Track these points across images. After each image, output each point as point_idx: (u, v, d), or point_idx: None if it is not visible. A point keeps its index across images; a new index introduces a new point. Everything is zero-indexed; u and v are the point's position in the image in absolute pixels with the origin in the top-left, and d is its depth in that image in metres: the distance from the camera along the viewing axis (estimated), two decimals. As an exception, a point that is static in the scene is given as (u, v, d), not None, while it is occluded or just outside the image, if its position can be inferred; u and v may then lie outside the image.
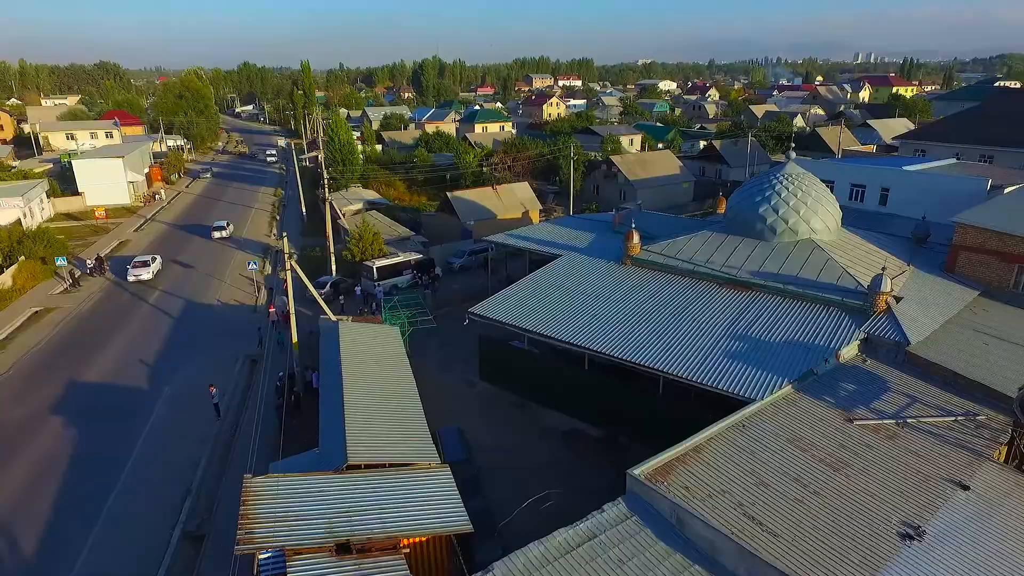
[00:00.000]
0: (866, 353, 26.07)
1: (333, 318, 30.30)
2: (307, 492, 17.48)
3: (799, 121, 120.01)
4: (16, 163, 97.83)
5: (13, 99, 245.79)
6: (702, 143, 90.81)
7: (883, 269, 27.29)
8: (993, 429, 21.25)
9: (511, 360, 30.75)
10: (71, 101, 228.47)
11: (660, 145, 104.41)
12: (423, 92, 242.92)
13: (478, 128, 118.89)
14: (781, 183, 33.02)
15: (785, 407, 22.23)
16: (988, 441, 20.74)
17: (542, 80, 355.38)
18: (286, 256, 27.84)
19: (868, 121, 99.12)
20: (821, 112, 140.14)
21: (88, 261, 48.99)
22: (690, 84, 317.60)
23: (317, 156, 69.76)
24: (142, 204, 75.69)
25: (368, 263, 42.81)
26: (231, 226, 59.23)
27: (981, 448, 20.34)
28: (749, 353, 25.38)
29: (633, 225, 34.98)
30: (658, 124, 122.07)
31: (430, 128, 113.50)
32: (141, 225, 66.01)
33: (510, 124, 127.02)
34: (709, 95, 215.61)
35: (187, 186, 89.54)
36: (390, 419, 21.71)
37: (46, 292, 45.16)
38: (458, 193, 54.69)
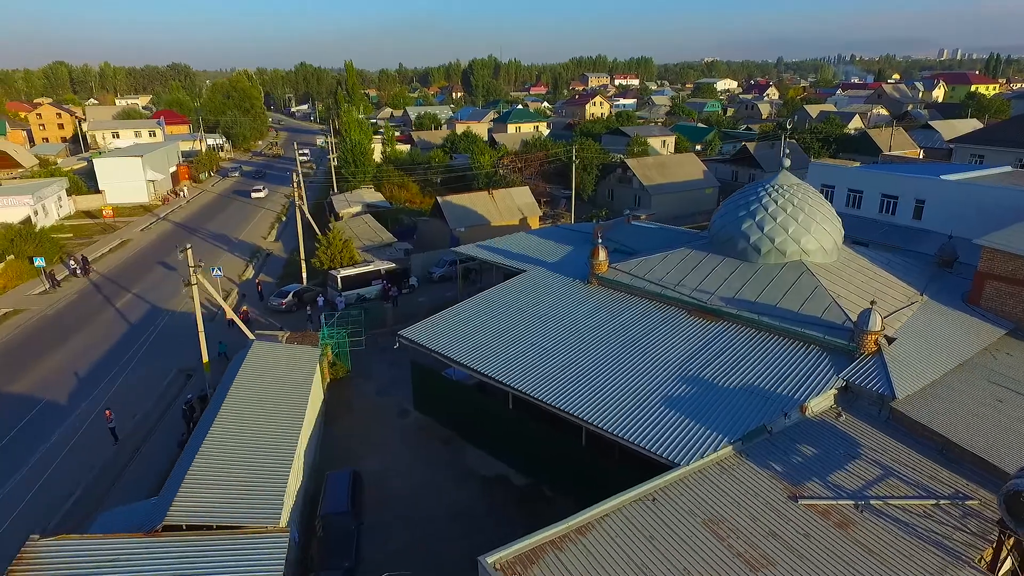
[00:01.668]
0: (843, 405, 21.52)
1: (251, 336, 27.88)
2: (100, 562, 14.83)
3: (856, 122, 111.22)
4: (60, 160, 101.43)
5: (92, 99, 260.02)
6: (750, 145, 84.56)
7: (872, 303, 22.58)
8: (984, 521, 16.55)
9: (443, 390, 27.52)
10: (142, 101, 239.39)
11: (698, 147, 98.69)
12: (473, 91, 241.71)
13: (510, 128, 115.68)
14: (769, 195, 28.50)
15: (715, 476, 18.12)
16: (973, 537, 16.09)
17: (598, 79, 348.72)
18: (191, 270, 25.55)
19: (930, 122, 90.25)
20: (884, 112, 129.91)
21: (71, 262, 48.75)
22: (752, 82, 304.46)
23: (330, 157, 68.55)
24: (160, 203, 76.35)
25: (333, 272, 40.40)
26: (266, 189, 58.60)
27: (961, 548, 15.74)
28: (694, 400, 21.29)
29: (600, 240, 31.05)
30: (700, 125, 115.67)
31: (461, 128, 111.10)
32: (149, 225, 66.18)
33: (544, 124, 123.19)
34: (767, 94, 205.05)
35: (212, 185, 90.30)
36: (249, 465, 18.88)
37: (25, 292, 44.97)
38: (450, 197, 51.70)
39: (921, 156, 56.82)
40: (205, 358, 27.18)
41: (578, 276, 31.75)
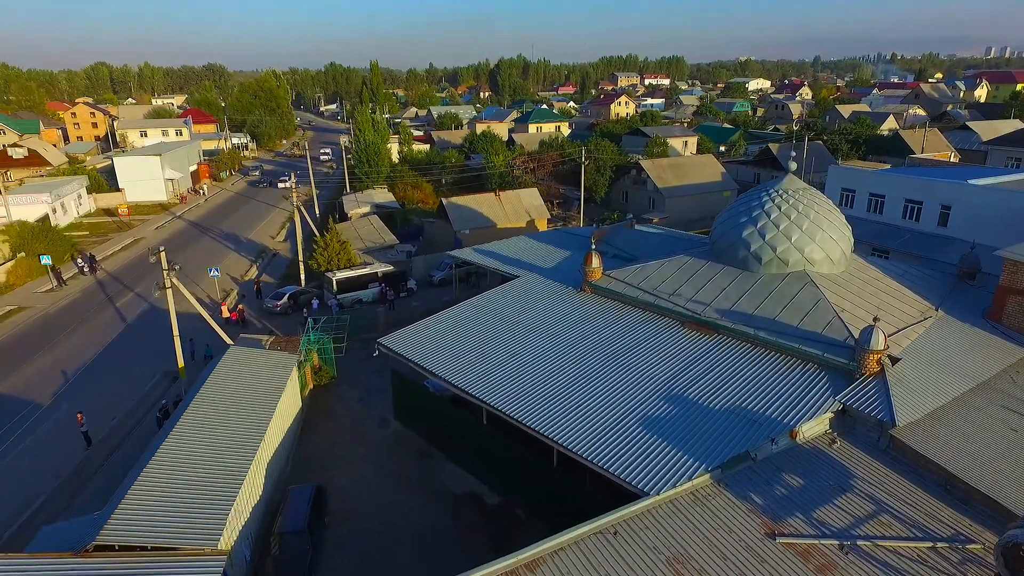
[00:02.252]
0: (839, 431, 19.83)
1: (228, 340, 27.22)
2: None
3: (891, 122, 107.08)
4: (89, 158, 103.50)
5: (130, 99, 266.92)
6: (773, 146, 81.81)
7: (875, 320, 20.78)
8: (985, 568, 14.81)
9: (422, 401, 26.45)
10: (177, 100, 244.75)
11: (722, 148, 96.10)
12: (500, 91, 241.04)
13: (531, 128, 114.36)
14: (772, 201, 26.76)
15: (687, 508, 16.67)
16: (971, 588, 14.40)
17: (628, 79, 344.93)
18: (164, 273, 24.96)
19: (968, 123, 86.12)
20: (921, 112, 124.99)
21: (79, 260, 49.13)
22: (787, 81, 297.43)
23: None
24: (178, 201, 77.08)
25: (329, 274, 39.71)
26: (293, 178, 58.71)
27: (956, 600, 14.08)
28: (675, 422, 19.82)
29: (594, 246, 29.66)
30: (725, 125, 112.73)
31: (481, 128, 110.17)
32: (163, 223, 66.71)
33: (566, 125, 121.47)
34: (799, 94, 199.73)
35: (232, 184, 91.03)
36: (196, 482, 18.05)
37: (32, 290, 45.39)
38: (455, 199, 50.70)
39: (952, 158, 53.78)
40: (181, 363, 26.63)
41: (573, 283, 30.43)
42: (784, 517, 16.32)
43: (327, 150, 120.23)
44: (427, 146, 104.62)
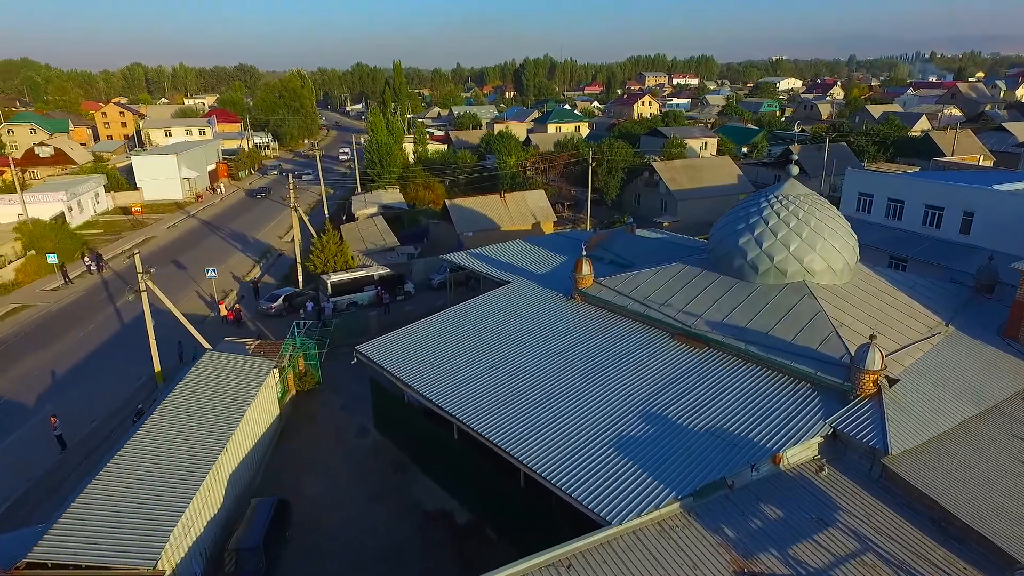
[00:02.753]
0: (828, 456, 18.41)
1: (207, 345, 26.73)
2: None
3: (923, 123, 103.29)
4: (114, 157, 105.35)
5: (163, 99, 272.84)
6: (794, 148, 79.28)
7: (871, 337, 19.26)
8: (976, 621, 13.37)
9: (398, 412, 25.61)
10: (208, 100, 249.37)
11: (744, 150, 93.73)
12: (524, 91, 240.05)
13: (551, 128, 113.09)
14: (771, 207, 25.30)
15: (651, 539, 15.48)
16: (958, 643, 12.97)
17: (655, 78, 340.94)
18: (139, 275, 24.53)
19: (1005, 124, 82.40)
20: (957, 113, 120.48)
21: (86, 259, 49.52)
22: (819, 81, 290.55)
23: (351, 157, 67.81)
24: (193, 200, 77.75)
25: (324, 276, 39.16)
26: (349, 153, 57.65)
27: (940, 656, 12.67)
28: (649, 443, 18.62)
29: (584, 253, 28.50)
30: (749, 126, 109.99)
31: (500, 128, 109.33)
32: (176, 222, 67.23)
33: (585, 125, 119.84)
34: (830, 94, 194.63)
35: (250, 184, 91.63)
36: (143, 496, 17.42)
37: (39, 288, 45.82)
38: (459, 200, 49.85)
39: (983, 161, 51.06)
40: (158, 367, 26.21)
41: (564, 290, 29.30)
42: (756, 553, 15.05)
43: (345, 150, 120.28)
44: (445, 146, 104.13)
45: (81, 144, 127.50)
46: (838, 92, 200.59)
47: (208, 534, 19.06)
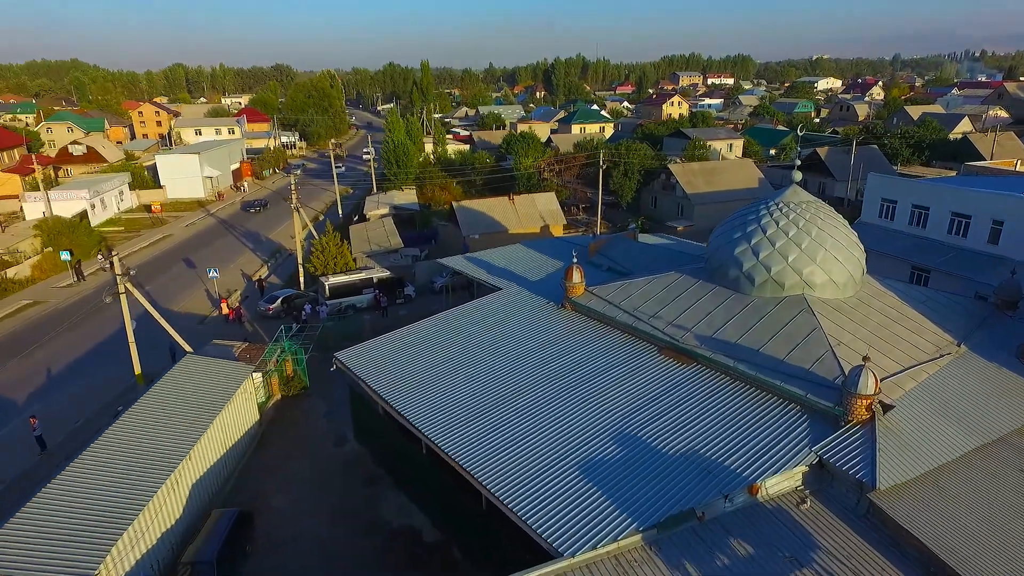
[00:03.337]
0: (813, 487, 17.05)
1: (188, 348, 26.42)
2: None
3: (965, 124, 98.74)
4: (143, 156, 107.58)
5: (202, 98, 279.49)
6: (821, 150, 76.35)
7: (865, 359, 17.78)
8: None
9: (375, 422, 24.87)
10: (245, 100, 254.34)
11: (772, 152, 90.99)
12: (553, 91, 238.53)
13: (575, 129, 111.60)
14: (771, 215, 23.87)
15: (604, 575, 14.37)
16: None
17: (689, 78, 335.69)
18: (117, 278, 24.32)
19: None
20: (1003, 114, 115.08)
21: (99, 257, 50.22)
22: (859, 80, 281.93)
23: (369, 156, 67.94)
24: (214, 199, 78.71)
25: (322, 279, 38.77)
26: (373, 153, 56.95)
27: None
28: (619, 467, 17.50)
29: (575, 260, 27.39)
30: (779, 127, 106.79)
31: (523, 128, 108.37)
32: (194, 221, 68.02)
33: (610, 126, 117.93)
34: (870, 94, 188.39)
35: (272, 182, 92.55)
36: (93, 506, 17.01)
37: (52, 285, 46.57)
38: (465, 202, 49.06)
39: (1020, 166, 48.02)
40: (138, 369, 26.01)
41: (557, 298, 28.23)
42: (718, 595, 13.84)
43: (369, 150, 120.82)
44: (467, 146, 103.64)
45: (117, 143, 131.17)
46: (878, 92, 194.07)
47: (163, 546, 18.62)
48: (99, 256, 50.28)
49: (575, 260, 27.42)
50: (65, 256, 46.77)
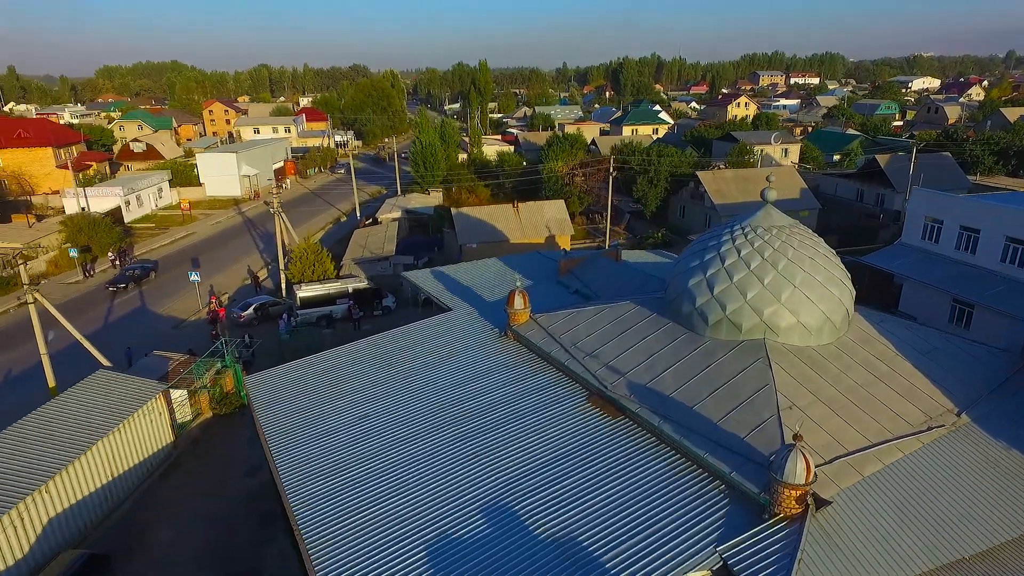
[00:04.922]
0: (712, 602, 13.30)
1: (105, 363, 25.09)
2: None
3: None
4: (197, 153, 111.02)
5: (282, 97, 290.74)
6: (882, 158, 68.71)
7: (795, 438, 13.84)
8: None
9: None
10: (311, 99, 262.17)
11: (836, 157, 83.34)
12: (621, 91, 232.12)
13: (626, 130, 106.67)
14: (732, 242, 19.95)
15: None
16: None
17: (770, 77, 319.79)
18: (25, 287, 23.21)
19: None
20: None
21: (110, 254, 50.88)
22: (961, 79, 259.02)
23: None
24: (249, 198, 79.62)
25: (297, 288, 37.07)
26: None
27: None
28: (472, 552, 14.37)
29: (518, 284, 24.21)
30: (849, 131, 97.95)
31: (571, 129, 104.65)
32: (220, 219, 68.69)
33: (664, 127, 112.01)
34: (967, 94, 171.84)
35: (314, 182, 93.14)
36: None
37: (61, 280, 47.39)
38: (465, 208, 46.37)
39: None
40: (52, 382, 24.89)
41: (503, 324, 25.15)
42: None
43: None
44: (511, 147, 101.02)
45: (188, 140, 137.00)
46: (977, 92, 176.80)
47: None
48: (109, 254, 50.98)
49: (519, 284, 24.24)
50: (73, 253, 47.53)
